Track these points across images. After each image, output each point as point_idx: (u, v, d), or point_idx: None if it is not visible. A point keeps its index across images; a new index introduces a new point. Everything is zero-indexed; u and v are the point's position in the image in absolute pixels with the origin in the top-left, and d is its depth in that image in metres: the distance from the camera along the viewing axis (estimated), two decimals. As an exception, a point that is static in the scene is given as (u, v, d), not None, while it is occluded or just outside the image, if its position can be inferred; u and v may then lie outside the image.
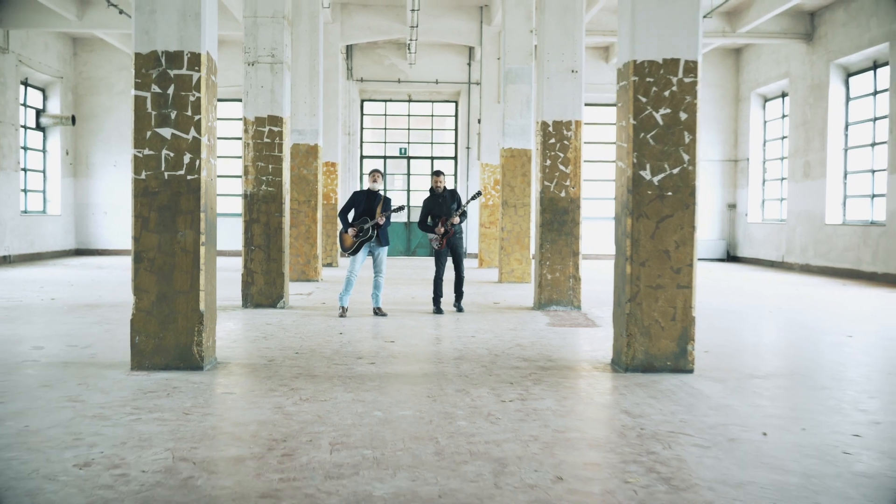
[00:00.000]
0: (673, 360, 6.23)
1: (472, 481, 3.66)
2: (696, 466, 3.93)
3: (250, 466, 3.83)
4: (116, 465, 3.81)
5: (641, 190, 6.20)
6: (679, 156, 6.19)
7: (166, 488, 3.52)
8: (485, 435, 4.43)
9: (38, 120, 20.43)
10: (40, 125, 20.56)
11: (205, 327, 6.18)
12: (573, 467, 3.89)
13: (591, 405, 5.26)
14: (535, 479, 3.71)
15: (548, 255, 10.38)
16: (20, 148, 18.99)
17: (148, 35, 6.07)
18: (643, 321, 6.22)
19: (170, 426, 4.52)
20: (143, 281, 6.11)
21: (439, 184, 9.95)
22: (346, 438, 4.32)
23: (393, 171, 23.38)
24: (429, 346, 7.54)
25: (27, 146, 19.81)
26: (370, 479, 3.68)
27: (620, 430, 4.60)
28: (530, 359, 6.81)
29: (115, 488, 3.51)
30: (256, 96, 10.24)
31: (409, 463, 3.91)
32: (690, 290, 6.23)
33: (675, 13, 6.16)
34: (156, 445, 4.14)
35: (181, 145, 6.10)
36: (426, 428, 4.56)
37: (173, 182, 6.10)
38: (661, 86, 6.18)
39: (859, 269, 16.16)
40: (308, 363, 6.49)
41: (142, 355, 6.11)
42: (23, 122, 19.36)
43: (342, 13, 19.08)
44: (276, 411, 4.90)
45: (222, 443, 4.22)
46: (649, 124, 6.18)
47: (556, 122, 10.32)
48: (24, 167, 19.56)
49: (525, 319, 9.40)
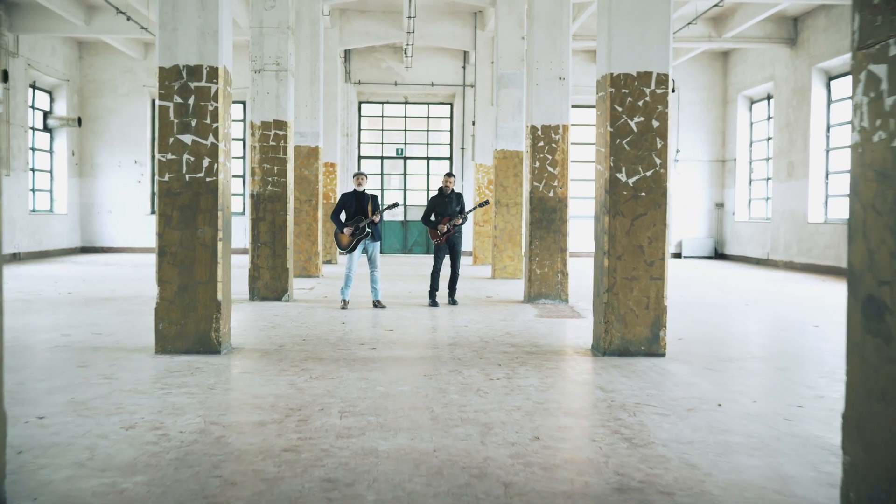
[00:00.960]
0: (646, 345, 6.88)
1: (462, 440, 4.30)
2: (655, 429, 4.57)
3: (272, 429, 4.46)
4: (157, 428, 4.44)
5: (617, 191, 6.85)
6: (652, 160, 6.83)
7: (202, 444, 4.15)
8: (474, 405, 5.06)
9: (45, 121, 21.04)
10: (47, 127, 21.16)
11: (222, 315, 6.81)
12: (549, 430, 4.53)
13: (569, 383, 5.90)
14: (515, 438, 4.35)
15: (537, 252, 11.02)
16: (29, 149, 19.60)
17: (170, 50, 6.70)
18: (619, 310, 6.87)
19: (198, 398, 5.15)
20: (167, 273, 6.74)
21: (449, 184, 10.57)
22: (352, 408, 4.95)
23: (390, 171, 24.00)
24: (425, 334, 8.17)
25: (35, 147, 20.41)
26: (375, 438, 4.31)
27: (593, 402, 5.25)
28: (518, 345, 7.46)
29: (159, 444, 4.14)
30: (263, 102, 10.87)
31: (408, 426, 4.55)
32: (662, 281, 6.87)
33: (648, 31, 6.80)
34: (188, 413, 4.78)
35: (201, 150, 6.73)
36: (422, 400, 5.20)
37: (194, 184, 6.73)
38: (635, 96, 6.82)
39: (840, 265, 16.82)
40: (315, 348, 7.13)
41: (165, 340, 6.74)
42: (31, 124, 19.96)
43: (341, 19, 19.70)
44: (290, 387, 5.53)
45: (245, 411, 4.86)
46: (625, 131, 6.82)
47: (545, 127, 10.96)
48: (32, 167, 20.15)
49: (515, 311, 10.05)
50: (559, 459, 3.99)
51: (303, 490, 3.50)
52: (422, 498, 3.43)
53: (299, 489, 3.51)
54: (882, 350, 2.91)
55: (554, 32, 10.95)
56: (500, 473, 3.75)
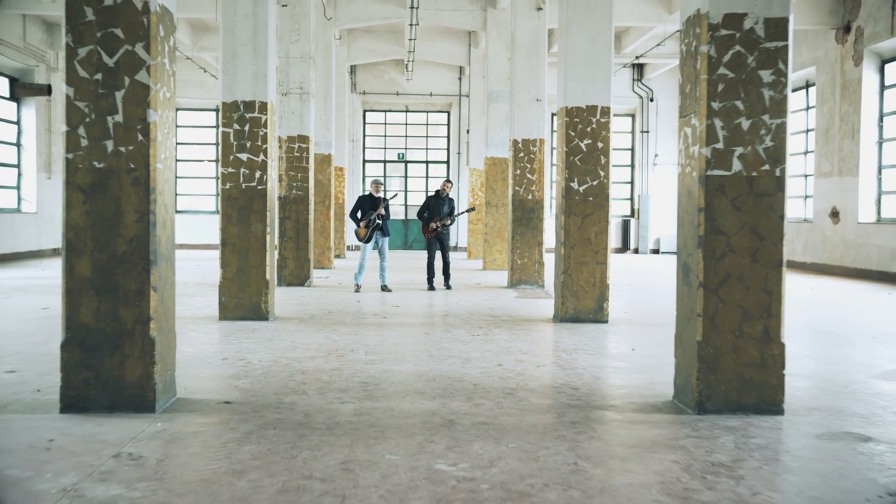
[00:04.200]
0: (594, 314, 8.99)
1: (449, 366, 6.41)
2: (581, 362, 6.68)
3: (320, 359, 6.58)
4: (243, 359, 6.57)
5: (571, 196, 8.96)
6: (597, 172, 8.94)
7: (277, 366, 6.27)
8: (458, 350, 7.18)
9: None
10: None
11: (269, 291, 8.93)
12: (508, 362, 6.64)
13: (529, 337, 8.02)
14: (484, 365, 6.46)
15: (518, 245, 13.14)
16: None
17: (231, 90, 8.82)
18: (573, 287, 8.98)
19: (263, 345, 7.28)
20: (228, 258, 8.86)
21: (446, 189, 12.69)
22: (373, 350, 7.07)
23: (391, 173, 26.12)
24: (424, 309, 10.29)
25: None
26: (391, 364, 6.43)
27: (544, 348, 7.37)
28: (496, 316, 9.58)
29: (248, 366, 6.26)
30: (289, 120, 12.99)
31: (413, 359, 6.66)
32: (605, 265, 8.99)
33: (594, 74, 8.91)
34: (260, 352, 6.89)
35: (253, 165, 8.85)
36: (422, 346, 7.33)
37: (248, 191, 8.85)
38: (584, 124, 8.94)
39: (793, 259, 18.96)
40: (339, 318, 9.25)
41: (226, 309, 8.86)
42: (67, 132, 22.04)
43: (349, 37, 21.82)
44: (326, 339, 7.65)
45: (299, 350, 6.97)
46: (576, 151, 8.93)
47: (525, 140, 13.08)
48: (68, 171, 22.22)
49: (499, 294, 12.17)
50: (512, 374, 6.11)
51: (348, 386, 5.62)
52: (422, 390, 5.54)
53: (346, 385, 5.63)
54: (688, 294, 5.04)
55: (532, 61, 13.07)
56: (471, 380, 5.87)
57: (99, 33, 4.72)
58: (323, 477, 3.67)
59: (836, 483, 3.67)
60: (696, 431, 4.52)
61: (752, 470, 3.85)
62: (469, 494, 3.47)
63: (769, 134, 4.87)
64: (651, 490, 3.57)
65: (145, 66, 4.74)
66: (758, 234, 4.89)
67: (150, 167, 4.76)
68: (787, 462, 4.00)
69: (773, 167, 4.88)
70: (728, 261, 4.88)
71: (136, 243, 4.78)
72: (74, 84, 4.75)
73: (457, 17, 17.98)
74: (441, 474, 3.73)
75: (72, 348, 4.76)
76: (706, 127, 4.86)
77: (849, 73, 16.67)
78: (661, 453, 4.12)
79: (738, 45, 4.85)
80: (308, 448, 4.10)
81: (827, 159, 17.51)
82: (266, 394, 5.33)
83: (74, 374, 4.76)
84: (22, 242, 19.28)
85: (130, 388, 4.78)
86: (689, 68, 5.09)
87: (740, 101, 4.85)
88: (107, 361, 4.77)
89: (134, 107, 4.75)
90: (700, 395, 4.88)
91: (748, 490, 3.57)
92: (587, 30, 8.83)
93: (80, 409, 4.75)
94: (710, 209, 4.87)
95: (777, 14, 4.84)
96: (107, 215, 4.77)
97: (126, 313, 4.77)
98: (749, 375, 4.88)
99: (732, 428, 4.59)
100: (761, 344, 4.88)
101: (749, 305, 4.88)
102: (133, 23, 4.72)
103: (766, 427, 4.62)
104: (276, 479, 3.63)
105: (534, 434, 4.42)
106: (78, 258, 4.76)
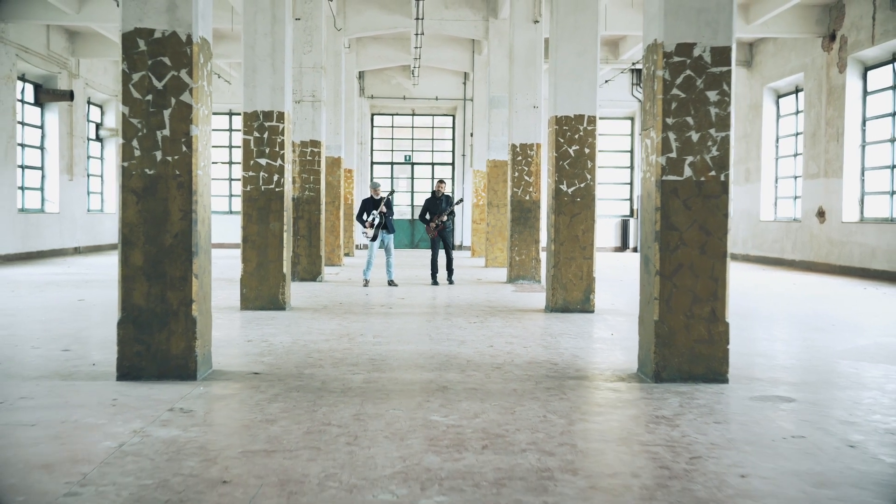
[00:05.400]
0: (581, 305, 9.87)
1: (447, 347, 7.30)
2: (564, 344, 7.56)
3: (333, 341, 7.47)
4: (265, 341, 7.47)
5: (560, 197, 9.83)
6: (584, 176, 9.81)
7: (296, 346, 7.17)
8: (456, 334, 8.07)
9: (97, 133, 24.12)
10: (99, 137, 24.24)
11: (286, 284, 9.83)
12: (499, 343, 7.52)
13: (521, 324, 8.89)
14: (477, 346, 7.35)
15: (516, 243, 14.02)
16: (86, 157, 22.68)
17: (251, 101, 9.73)
18: (562, 280, 9.85)
19: (282, 330, 8.18)
20: (248, 254, 9.77)
21: (441, 189, 13.60)
22: (380, 334, 7.97)
23: (399, 175, 27.04)
24: (427, 301, 11.19)
25: (90, 155, 23.49)
26: (396, 345, 7.32)
27: (532, 332, 8.25)
28: (494, 307, 10.47)
29: (270, 346, 7.15)
30: (301, 125, 13.90)
31: (415, 341, 7.55)
32: (592, 260, 9.85)
33: (581, 86, 9.78)
34: (280, 336, 7.79)
35: (272, 169, 9.75)
36: (424, 331, 8.22)
37: (267, 193, 9.76)
38: (572, 132, 9.81)
39: (783, 257, 19.80)
40: (349, 308, 10.15)
41: (247, 300, 9.76)
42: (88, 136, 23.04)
43: (357, 44, 22.74)
44: (338, 325, 8.55)
45: (315, 334, 7.87)
46: (565, 156, 9.81)
47: (523, 145, 13.96)
48: (88, 173, 23.23)
49: (498, 288, 13.06)
50: (501, 353, 6.99)
51: (358, 361, 6.51)
52: (422, 365, 6.43)
53: (356, 361, 6.52)
54: (647, 281, 5.93)
55: (529, 71, 13.95)
56: (465, 357, 6.76)
57: (150, 61, 5.63)
58: (339, 424, 4.56)
59: (752, 429, 4.55)
60: (650, 395, 5.41)
61: (688, 421, 4.72)
62: (456, 436, 4.36)
63: (715, 145, 5.75)
64: (601, 433, 4.45)
65: (188, 89, 5.64)
66: (706, 230, 5.76)
67: (192, 173, 5.66)
68: (717, 416, 4.87)
69: (718, 173, 5.76)
70: (680, 252, 5.75)
71: (180, 237, 5.68)
72: (129, 104, 5.66)
73: (460, 27, 18.89)
74: (434, 423, 4.62)
75: (126, 326, 5.67)
76: (662, 139, 5.73)
77: (834, 80, 17.50)
78: (617, 410, 5.00)
79: (689, 70, 5.72)
80: (326, 405, 4.99)
81: (814, 161, 18.34)
82: (288, 367, 6.23)
83: (129, 348, 5.66)
84: (45, 241, 20.24)
85: (175, 360, 5.68)
86: (649, 89, 5.97)
87: (690, 117, 5.73)
88: (156, 337, 5.67)
89: (179, 123, 5.65)
90: (657, 367, 5.76)
91: (679, 434, 4.44)
92: (575, 46, 9.71)
93: (133, 377, 5.65)
94: (665, 209, 5.75)
95: (721, 43, 5.72)
96: (156, 214, 5.67)
97: (172, 296, 5.67)
98: (698, 350, 5.76)
99: (681, 392, 5.46)
100: (709, 323, 5.76)
101: (698, 290, 5.76)
102: (178, 52, 5.63)
103: (710, 392, 5.49)
104: (302, 426, 4.52)
105: (513, 396, 5.31)
106: (132, 250, 5.67)
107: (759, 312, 10.21)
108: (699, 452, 4.10)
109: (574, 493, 3.51)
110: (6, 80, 17.92)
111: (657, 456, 4.05)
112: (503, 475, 3.71)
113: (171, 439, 4.23)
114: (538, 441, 4.27)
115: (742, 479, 3.69)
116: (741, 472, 3.79)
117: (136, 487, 3.51)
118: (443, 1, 18.69)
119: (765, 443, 4.28)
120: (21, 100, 19.51)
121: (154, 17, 5.62)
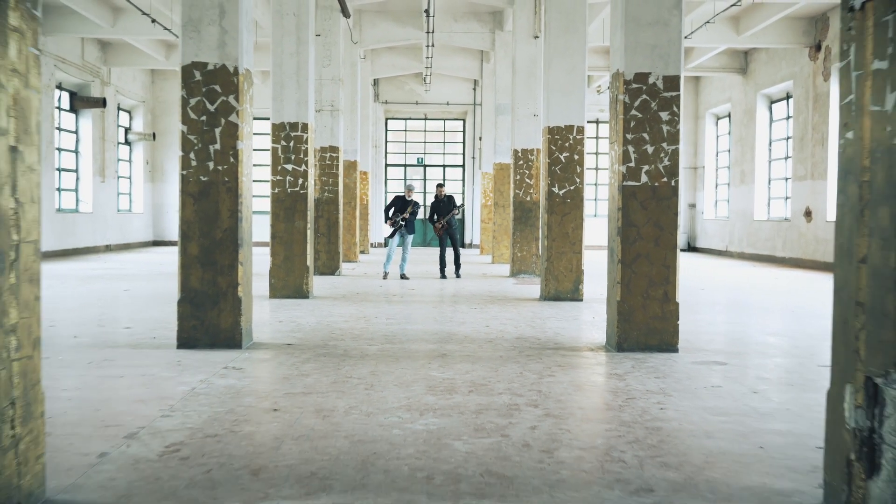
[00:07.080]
0: (571, 294, 11.10)
1: (449, 327, 8.55)
2: (551, 325, 8.79)
3: (353, 322, 8.74)
4: (294, 322, 8.75)
5: (553, 198, 11.06)
6: (574, 179, 11.03)
7: (320, 325, 8.44)
8: (459, 317, 9.32)
9: (126, 136, 25.52)
10: (127, 140, 25.64)
11: (309, 275, 11.11)
12: (495, 324, 8.76)
13: (516, 310, 10.13)
14: (476, 326, 8.59)
15: (518, 240, 15.25)
16: (116, 160, 24.09)
17: (279, 113, 11.02)
18: (554, 272, 11.08)
19: (307, 313, 9.45)
20: (276, 249, 11.05)
21: (441, 193, 14.87)
22: (393, 317, 9.23)
23: (411, 176, 28.31)
24: (436, 292, 12.44)
25: (119, 158, 24.90)
26: (406, 325, 8.58)
27: (524, 316, 9.49)
28: (494, 296, 11.71)
29: (299, 327, 8.43)
30: (321, 133, 15.18)
31: (423, 322, 8.81)
32: (580, 255, 11.08)
33: (571, 100, 11.01)
34: (306, 318, 9.07)
35: (297, 174, 11.03)
36: (431, 314, 9.48)
37: (293, 195, 11.04)
38: (563, 140, 11.04)
39: (774, 254, 20.93)
40: (365, 297, 11.42)
41: (275, 290, 11.05)
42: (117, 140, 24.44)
43: (372, 54, 24.04)
44: (356, 310, 9.82)
45: (335, 317, 9.14)
46: (557, 162, 11.03)
47: (524, 150, 15.18)
48: (118, 175, 24.63)
49: (500, 281, 14.30)
50: (495, 331, 8.23)
51: (374, 336, 7.77)
52: (427, 339, 7.67)
53: (372, 336, 7.78)
54: (612, 268, 7.16)
55: (530, 82, 15.18)
56: (463, 334, 8.00)
57: (204, 88, 6.91)
58: (358, 377, 5.82)
59: (683, 382, 5.77)
60: (611, 360, 6.64)
61: (634, 377, 5.95)
62: (449, 385, 5.61)
63: (667, 156, 6.97)
64: (562, 384, 5.69)
65: (235, 111, 6.92)
66: (659, 226, 6.98)
67: (238, 180, 6.94)
68: (658, 373, 6.10)
69: (669, 179, 6.98)
70: (638, 245, 6.98)
71: (228, 233, 6.95)
72: (187, 123, 6.94)
73: (469, 39, 20.15)
74: (433, 377, 5.87)
75: (185, 304, 6.95)
76: (622, 151, 6.96)
77: (819, 87, 18.64)
78: (580, 370, 6.24)
79: (645, 95, 6.95)
80: (348, 365, 6.26)
81: (802, 164, 19.48)
82: (315, 340, 7.50)
83: (186, 322, 6.94)
84: (79, 239, 21.64)
85: (224, 332, 6.96)
86: (613, 110, 7.19)
87: (646, 133, 6.95)
88: (208, 313, 6.95)
89: (228, 139, 6.92)
90: (619, 339, 6.99)
91: (625, 384, 5.68)
92: (565, 65, 10.94)
93: (190, 346, 6.93)
94: (626, 209, 6.97)
95: (672, 73, 6.94)
96: (209, 213, 6.95)
97: (222, 280, 6.95)
98: (653, 325, 6.98)
99: (637, 359, 6.69)
100: (662, 303, 6.98)
101: (653, 276, 6.98)
102: (227, 81, 6.90)
103: (661, 358, 6.72)
104: (329, 378, 5.78)
105: (499, 360, 6.55)
106: (189, 242, 6.95)
107: (738, 303, 11.41)
108: (635, 395, 5.34)
109: (532, 417, 4.75)
110: (46, 90, 19.31)
111: (602, 397, 5.30)
112: (482, 408, 4.96)
113: (230, 385, 5.51)
114: (513, 388, 5.52)
115: (660, 410, 4.93)
116: (661, 406, 5.03)
117: (211, 412, 4.78)
118: (452, 14, 19.95)
119: (689, 390, 5.51)
120: (58, 107, 20.92)
121: (207, 53, 6.90)
